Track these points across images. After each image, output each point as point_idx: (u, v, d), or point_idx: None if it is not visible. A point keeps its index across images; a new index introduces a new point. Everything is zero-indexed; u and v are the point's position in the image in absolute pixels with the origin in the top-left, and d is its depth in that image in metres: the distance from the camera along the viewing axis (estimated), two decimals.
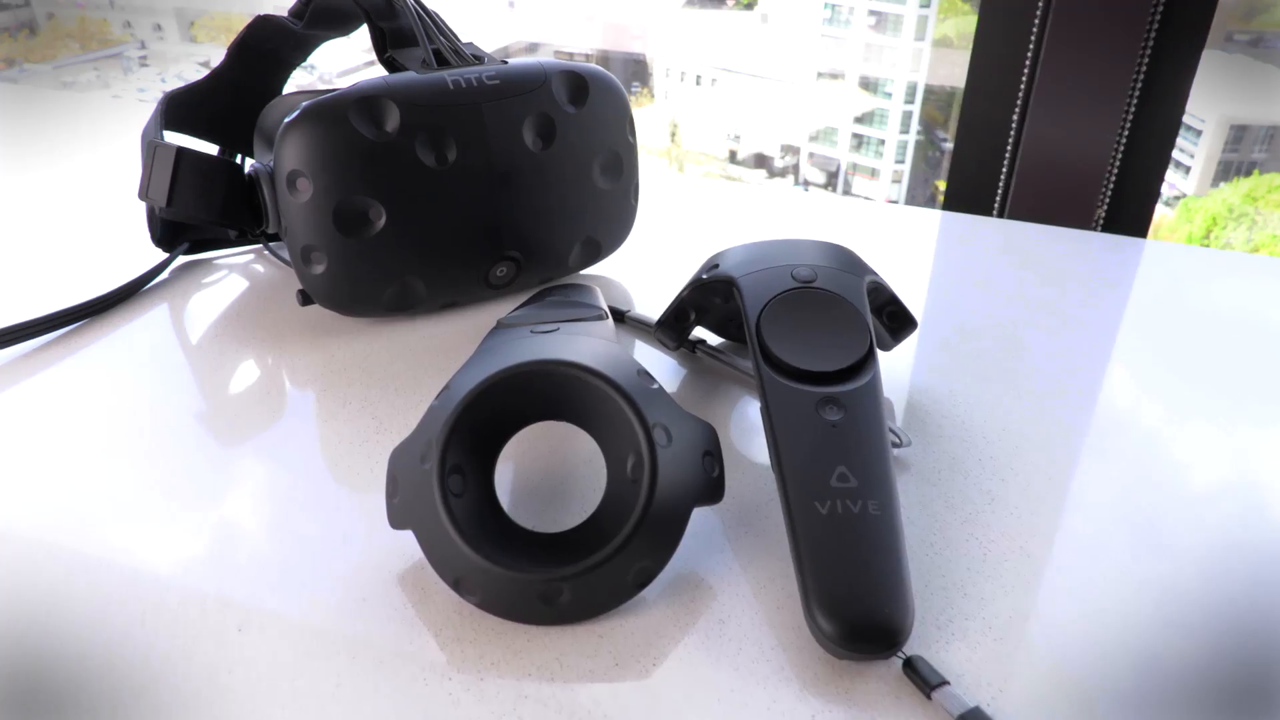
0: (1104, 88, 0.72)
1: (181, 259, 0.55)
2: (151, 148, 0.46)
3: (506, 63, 0.48)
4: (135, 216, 0.57)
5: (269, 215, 0.46)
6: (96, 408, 0.42)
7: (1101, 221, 0.77)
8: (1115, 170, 0.75)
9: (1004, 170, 0.78)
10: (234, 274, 0.54)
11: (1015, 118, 0.76)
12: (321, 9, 0.52)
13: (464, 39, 0.50)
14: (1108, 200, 0.76)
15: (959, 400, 0.43)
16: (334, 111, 0.43)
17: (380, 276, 0.45)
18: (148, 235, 0.53)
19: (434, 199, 0.45)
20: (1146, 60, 0.70)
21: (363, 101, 0.43)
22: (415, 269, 0.46)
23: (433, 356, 0.46)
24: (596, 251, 0.52)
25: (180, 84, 0.53)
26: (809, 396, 0.34)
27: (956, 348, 0.48)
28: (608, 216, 0.51)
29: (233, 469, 0.38)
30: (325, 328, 0.48)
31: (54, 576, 0.33)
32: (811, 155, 14.17)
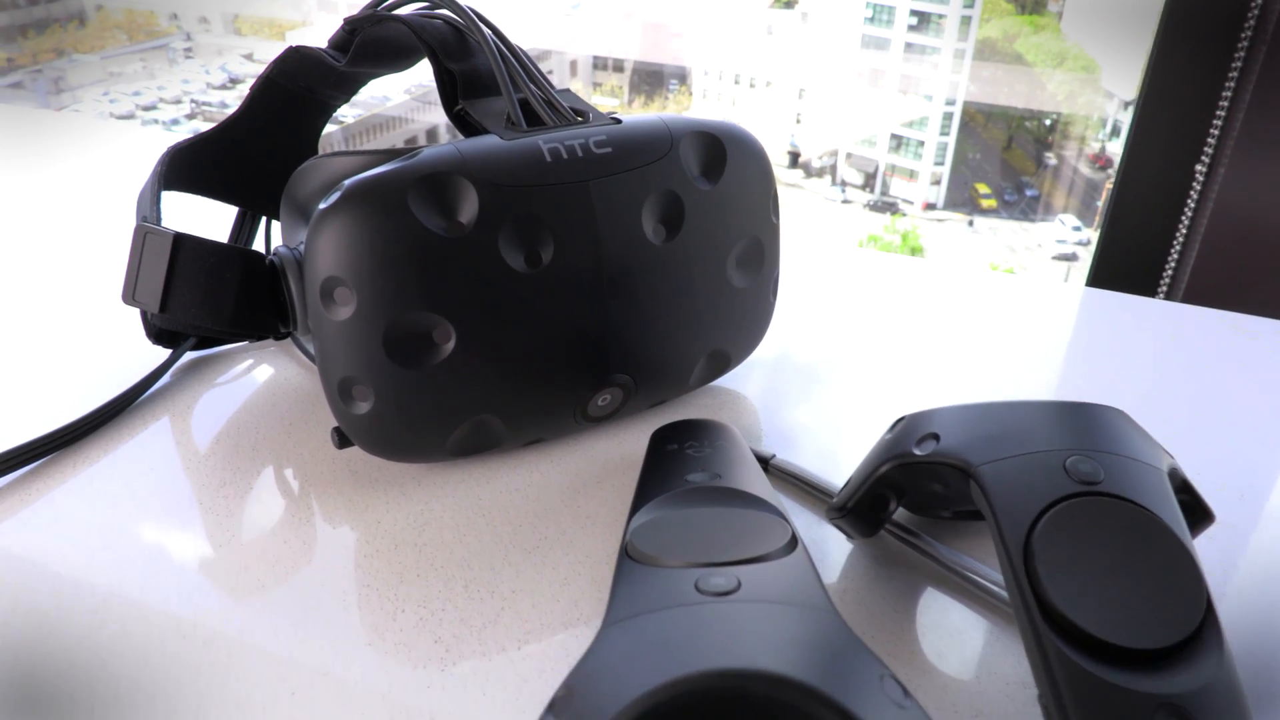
0: None
1: (188, 355, 0.43)
2: (141, 234, 0.34)
3: (619, 120, 0.35)
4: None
5: (297, 316, 0.35)
6: (66, 570, 0.30)
7: None
8: None
9: (1179, 238, 0.64)
10: (252, 374, 0.43)
11: (1201, 170, 0.63)
12: (371, 42, 0.40)
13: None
14: None
15: None
16: (388, 195, 0.30)
17: (446, 416, 0.33)
18: (142, 330, 0.41)
19: (522, 313, 0.32)
20: None
21: (428, 181, 0.31)
22: (493, 404, 0.33)
23: (514, 527, 0.33)
24: (724, 365, 0.40)
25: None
26: (1137, 701, 0.21)
27: (1222, 518, 0.35)
28: (741, 321, 0.39)
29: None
30: (369, 475, 0.36)
31: None
32: (849, 155, 13.95)
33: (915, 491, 0.30)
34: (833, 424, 0.40)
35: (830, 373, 0.44)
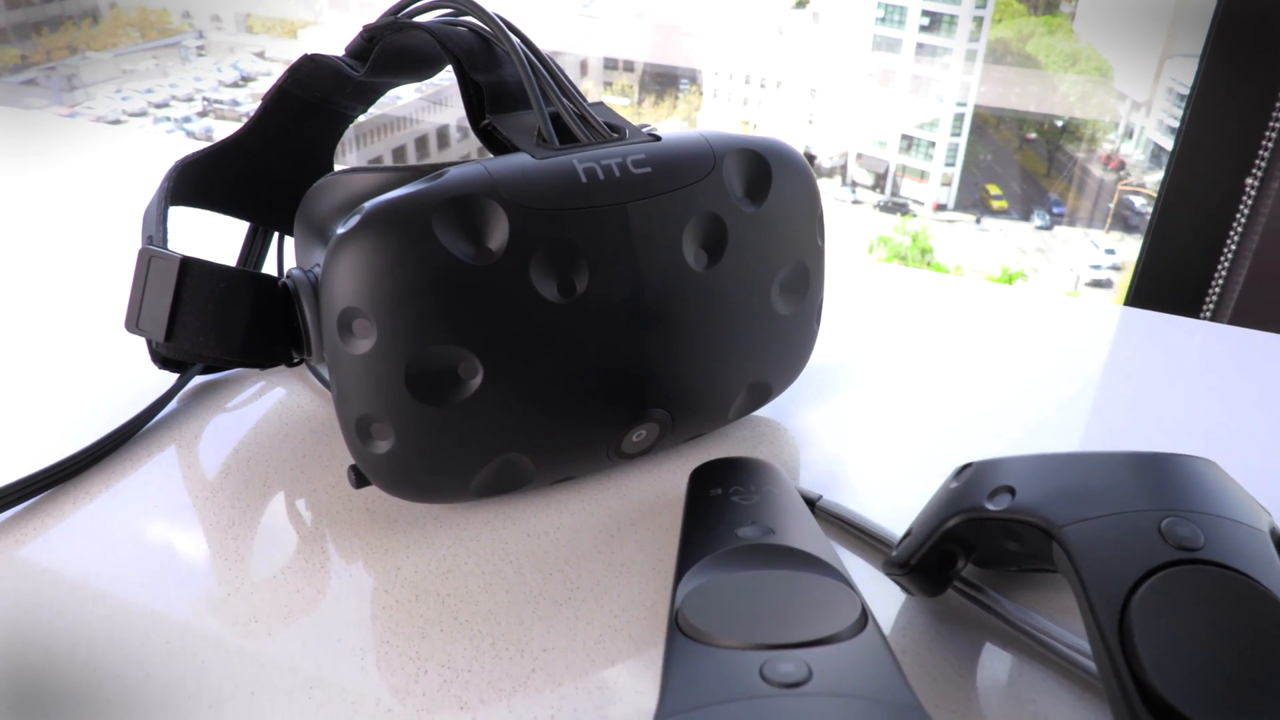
0: None
1: (196, 380, 0.41)
2: (145, 258, 0.32)
3: (657, 137, 0.33)
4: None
5: (312, 344, 0.32)
6: (62, 619, 0.28)
7: None
8: None
9: (1227, 255, 0.62)
10: (263, 399, 0.40)
11: (1252, 184, 0.60)
12: (391, 51, 0.37)
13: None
14: None
15: None
16: (412, 220, 0.28)
17: (471, 456, 0.31)
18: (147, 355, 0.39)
19: (554, 345, 0.30)
20: None
21: (456, 204, 0.28)
22: (522, 443, 0.31)
23: (544, 575, 0.31)
24: (764, 396, 0.37)
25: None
26: None
27: None
28: (783, 350, 0.36)
29: None
30: (388, 515, 0.34)
31: None
32: (860, 156, 13.91)
33: (985, 548, 0.28)
34: (876, 455, 0.38)
35: (868, 397, 0.41)
